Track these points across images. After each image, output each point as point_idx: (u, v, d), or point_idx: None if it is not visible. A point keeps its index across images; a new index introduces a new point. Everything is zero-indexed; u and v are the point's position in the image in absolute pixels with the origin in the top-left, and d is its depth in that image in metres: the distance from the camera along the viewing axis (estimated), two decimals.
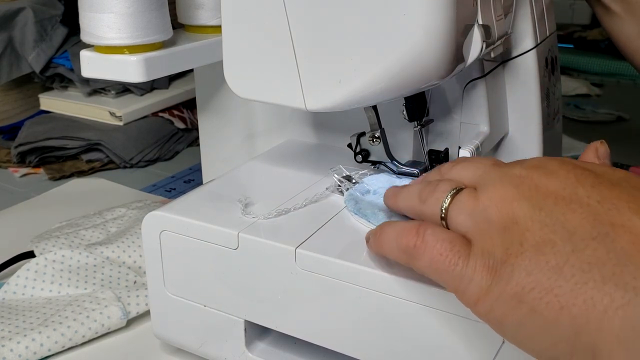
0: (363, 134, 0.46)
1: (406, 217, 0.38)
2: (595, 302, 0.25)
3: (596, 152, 0.36)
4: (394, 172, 0.46)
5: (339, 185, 0.45)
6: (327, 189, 0.45)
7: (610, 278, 0.25)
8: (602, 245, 0.26)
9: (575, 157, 0.38)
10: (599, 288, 0.26)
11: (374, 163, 0.47)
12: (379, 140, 0.46)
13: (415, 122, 0.46)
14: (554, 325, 0.26)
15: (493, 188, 0.31)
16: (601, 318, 0.25)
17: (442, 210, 0.33)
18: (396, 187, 0.40)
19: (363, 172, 0.46)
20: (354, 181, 0.45)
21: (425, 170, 0.46)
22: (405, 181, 0.45)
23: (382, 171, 0.46)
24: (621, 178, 0.29)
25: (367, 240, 0.37)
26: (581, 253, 0.27)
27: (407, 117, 0.45)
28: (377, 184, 0.45)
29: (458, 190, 0.33)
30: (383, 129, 0.46)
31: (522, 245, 0.28)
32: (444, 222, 0.33)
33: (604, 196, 0.28)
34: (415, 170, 0.45)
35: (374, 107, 0.45)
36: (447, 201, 0.33)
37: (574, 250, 0.27)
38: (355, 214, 0.41)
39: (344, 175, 0.46)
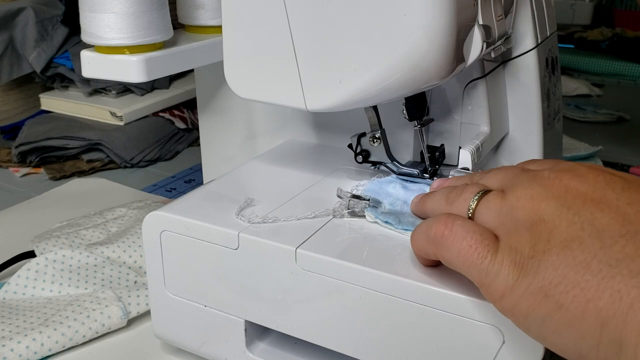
0: (363, 134, 0.46)
1: None
2: (622, 296, 0.25)
3: None
4: (395, 173, 0.46)
5: (349, 208, 0.42)
6: (334, 214, 0.42)
7: (638, 272, 0.25)
8: (632, 243, 0.26)
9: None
10: (626, 282, 0.26)
11: (374, 164, 0.47)
12: (379, 140, 0.46)
13: (416, 122, 0.46)
14: (579, 318, 0.27)
15: (522, 188, 0.31)
16: (627, 311, 0.25)
17: (469, 210, 0.33)
18: (423, 193, 0.40)
19: (362, 184, 0.45)
20: (362, 195, 0.43)
21: (425, 171, 0.46)
22: (399, 186, 0.44)
23: (381, 172, 0.46)
24: None
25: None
26: (609, 249, 0.27)
27: (407, 117, 0.45)
28: (384, 195, 0.44)
29: (485, 192, 0.33)
30: (384, 129, 0.46)
31: (549, 242, 0.28)
32: None
33: (634, 199, 0.28)
34: (415, 171, 0.45)
35: (375, 108, 0.45)
36: (475, 202, 0.33)
37: (602, 247, 0.27)
38: (397, 227, 0.40)
39: (351, 195, 0.43)
